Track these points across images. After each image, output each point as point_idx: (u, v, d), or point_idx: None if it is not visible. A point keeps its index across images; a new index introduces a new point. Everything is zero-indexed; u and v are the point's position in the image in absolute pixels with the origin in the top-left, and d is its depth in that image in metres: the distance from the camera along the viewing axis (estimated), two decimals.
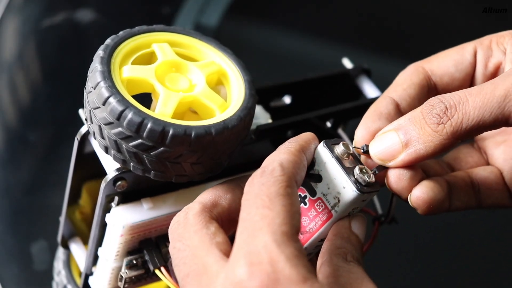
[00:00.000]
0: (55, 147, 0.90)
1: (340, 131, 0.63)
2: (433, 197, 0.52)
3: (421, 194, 0.52)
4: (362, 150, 0.52)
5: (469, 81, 0.56)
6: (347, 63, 0.67)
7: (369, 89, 0.65)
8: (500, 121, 0.49)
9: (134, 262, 0.57)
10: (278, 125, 0.58)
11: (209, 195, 0.52)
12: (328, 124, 0.62)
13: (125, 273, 0.57)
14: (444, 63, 0.56)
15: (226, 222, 0.51)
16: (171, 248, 0.50)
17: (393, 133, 0.51)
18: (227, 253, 0.47)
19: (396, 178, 0.52)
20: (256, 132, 0.57)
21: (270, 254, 0.44)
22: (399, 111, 0.54)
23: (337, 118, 0.62)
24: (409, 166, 0.52)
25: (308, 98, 0.65)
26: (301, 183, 0.50)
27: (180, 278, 0.48)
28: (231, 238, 0.48)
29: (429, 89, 0.56)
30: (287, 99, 0.65)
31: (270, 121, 0.60)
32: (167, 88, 0.53)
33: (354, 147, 0.52)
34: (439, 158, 0.59)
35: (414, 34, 1.05)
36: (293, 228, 0.46)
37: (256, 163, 0.59)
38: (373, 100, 0.62)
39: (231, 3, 1.03)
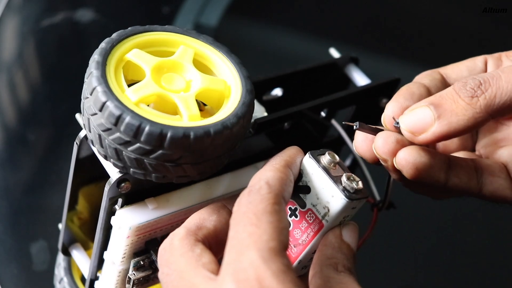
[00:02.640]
0: (55, 147, 0.90)
1: (334, 122, 0.63)
2: (420, 160, 0.51)
3: (405, 155, 0.51)
4: (394, 123, 0.52)
5: None
6: (334, 53, 0.67)
7: (358, 77, 0.66)
8: None
9: (142, 263, 0.57)
10: (275, 118, 0.59)
11: (194, 219, 0.52)
12: (323, 114, 0.62)
13: (133, 274, 0.56)
14: (458, 68, 0.57)
15: (214, 243, 0.51)
16: (160, 274, 0.50)
17: (425, 108, 0.51)
18: (214, 273, 0.47)
19: (382, 141, 0.52)
20: (254, 126, 0.57)
21: (257, 270, 0.44)
22: (430, 95, 0.53)
23: (331, 108, 0.62)
24: (398, 131, 0.52)
25: (299, 90, 0.66)
26: (289, 199, 0.50)
27: None
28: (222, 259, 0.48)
29: None
30: (279, 92, 0.65)
31: (265, 114, 0.60)
32: (167, 90, 0.52)
33: (344, 123, 0.52)
34: None
35: (413, 35, 1.05)
36: (280, 244, 0.46)
37: (254, 157, 0.60)
38: (365, 87, 0.63)
39: (231, 3, 1.03)
